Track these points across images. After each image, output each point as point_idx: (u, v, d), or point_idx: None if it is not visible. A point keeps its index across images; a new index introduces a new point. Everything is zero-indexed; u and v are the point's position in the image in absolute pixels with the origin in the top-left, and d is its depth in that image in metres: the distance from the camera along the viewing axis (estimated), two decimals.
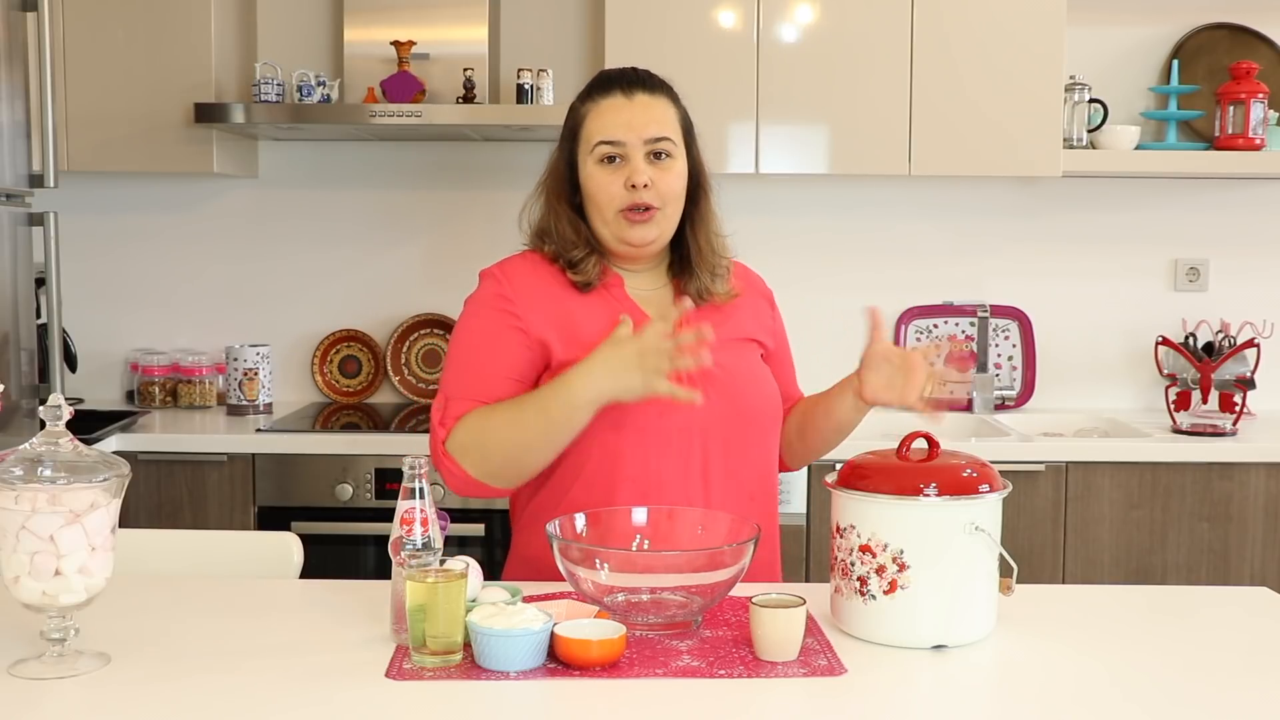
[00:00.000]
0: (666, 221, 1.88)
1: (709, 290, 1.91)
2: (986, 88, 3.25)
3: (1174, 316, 3.62)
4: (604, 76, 1.92)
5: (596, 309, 1.87)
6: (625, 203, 1.84)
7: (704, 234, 1.92)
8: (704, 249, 1.92)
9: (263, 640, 1.58)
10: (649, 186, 1.83)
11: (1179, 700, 1.41)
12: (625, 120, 1.85)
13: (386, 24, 3.33)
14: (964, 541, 1.54)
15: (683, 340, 1.69)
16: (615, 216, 1.85)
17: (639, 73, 1.91)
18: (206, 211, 3.66)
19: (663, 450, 1.82)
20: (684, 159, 1.89)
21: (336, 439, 3.13)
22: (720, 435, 1.85)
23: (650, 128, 1.85)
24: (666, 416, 1.81)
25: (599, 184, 1.85)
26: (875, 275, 3.64)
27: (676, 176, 1.87)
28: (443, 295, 3.65)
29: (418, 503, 1.55)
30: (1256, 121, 3.36)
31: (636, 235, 1.86)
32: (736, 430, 1.86)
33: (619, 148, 1.84)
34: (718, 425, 1.84)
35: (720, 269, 1.93)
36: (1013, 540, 1.70)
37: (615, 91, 1.87)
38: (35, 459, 1.44)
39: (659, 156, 1.85)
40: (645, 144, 1.84)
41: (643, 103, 1.87)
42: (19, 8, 2.74)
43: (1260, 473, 3.07)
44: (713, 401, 1.80)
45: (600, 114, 1.87)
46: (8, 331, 2.70)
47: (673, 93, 1.93)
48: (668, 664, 1.48)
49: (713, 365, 1.73)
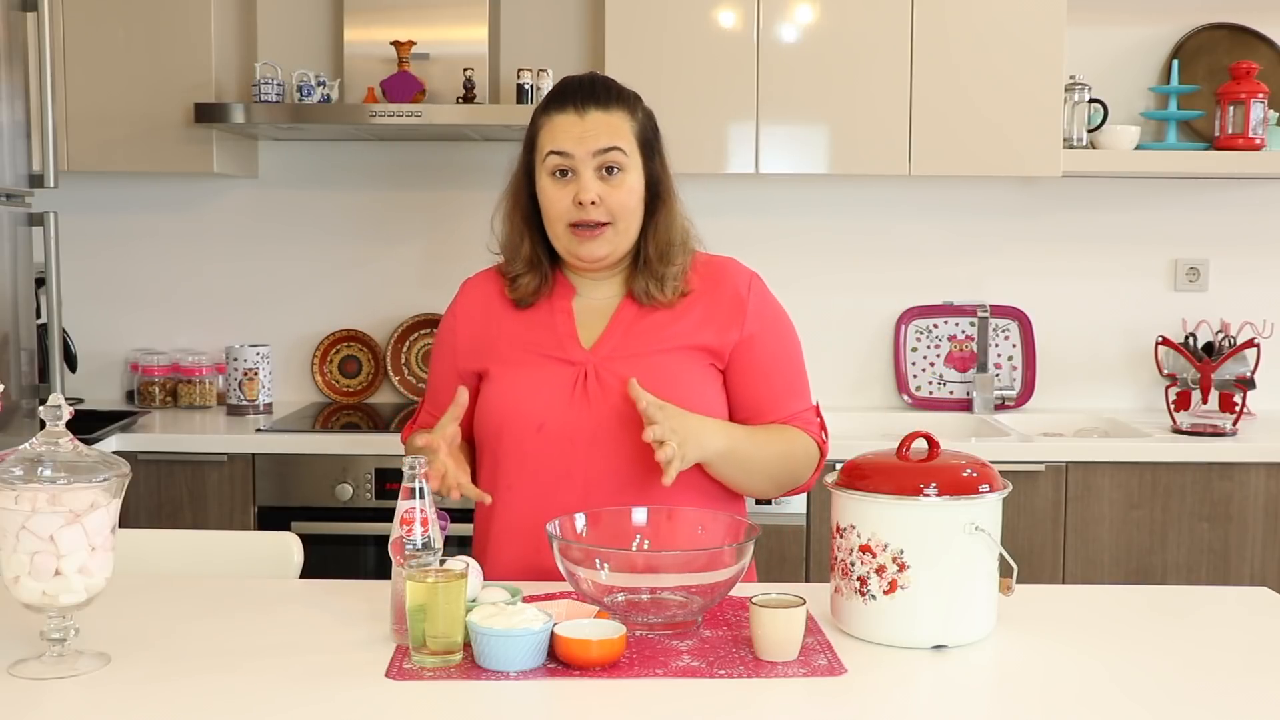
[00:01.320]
0: (619, 237, 1.88)
1: (650, 293, 1.91)
2: (986, 88, 3.25)
3: (1174, 316, 3.62)
4: (560, 88, 1.92)
5: (535, 325, 1.93)
6: (573, 217, 1.86)
7: (655, 243, 1.91)
8: (652, 256, 1.91)
9: (263, 640, 1.58)
10: (597, 204, 1.84)
11: (1179, 700, 1.41)
12: (577, 135, 1.85)
13: (386, 24, 3.33)
14: (964, 541, 1.54)
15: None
16: (565, 231, 1.87)
17: (596, 85, 1.90)
18: (206, 211, 3.66)
19: (538, 459, 1.86)
20: (638, 171, 1.89)
21: (336, 439, 3.13)
22: (606, 443, 1.84)
23: (600, 141, 1.85)
24: (546, 430, 1.86)
25: (549, 197, 1.88)
26: (875, 275, 3.64)
27: (628, 192, 1.87)
28: (443, 295, 3.60)
29: (418, 503, 1.55)
30: (1256, 121, 3.36)
31: (585, 251, 1.88)
32: (624, 439, 1.83)
33: (568, 159, 1.85)
34: (604, 434, 1.84)
35: (669, 274, 1.91)
36: (1013, 540, 1.71)
37: (569, 108, 1.87)
38: (35, 459, 1.44)
39: (610, 171, 1.86)
40: (594, 156, 1.85)
41: (595, 119, 1.86)
42: (19, 8, 2.74)
43: (1260, 473, 3.07)
44: (600, 411, 1.85)
45: (552, 129, 1.88)
46: (8, 331, 2.70)
47: (633, 104, 1.91)
48: (668, 664, 1.48)
49: (612, 376, 1.85)
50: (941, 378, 3.66)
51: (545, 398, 1.87)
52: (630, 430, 1.81)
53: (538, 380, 1.88)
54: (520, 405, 1.88)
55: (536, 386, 1.88)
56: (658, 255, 1.91)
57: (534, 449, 1.86)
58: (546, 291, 1.94)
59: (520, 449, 1.87)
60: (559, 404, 1.86)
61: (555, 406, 1.86)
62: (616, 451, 1.83)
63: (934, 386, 3.66)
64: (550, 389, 1.87)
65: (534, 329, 1.93)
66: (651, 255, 1.91)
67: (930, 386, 3.65)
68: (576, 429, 1.85)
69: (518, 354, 1.91)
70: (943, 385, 3.66)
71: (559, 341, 1.91)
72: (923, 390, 3.65)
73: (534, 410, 1.86)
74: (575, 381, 1.87)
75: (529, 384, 1.89)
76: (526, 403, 1.87)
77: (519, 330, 1.93)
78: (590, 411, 1.85)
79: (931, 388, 3.65)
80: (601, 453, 1.84)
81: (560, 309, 1.93)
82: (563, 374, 1.88)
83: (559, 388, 1.87)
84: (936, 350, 3.65)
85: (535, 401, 1.87)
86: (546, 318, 1.93)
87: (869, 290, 3.62)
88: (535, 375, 1.89)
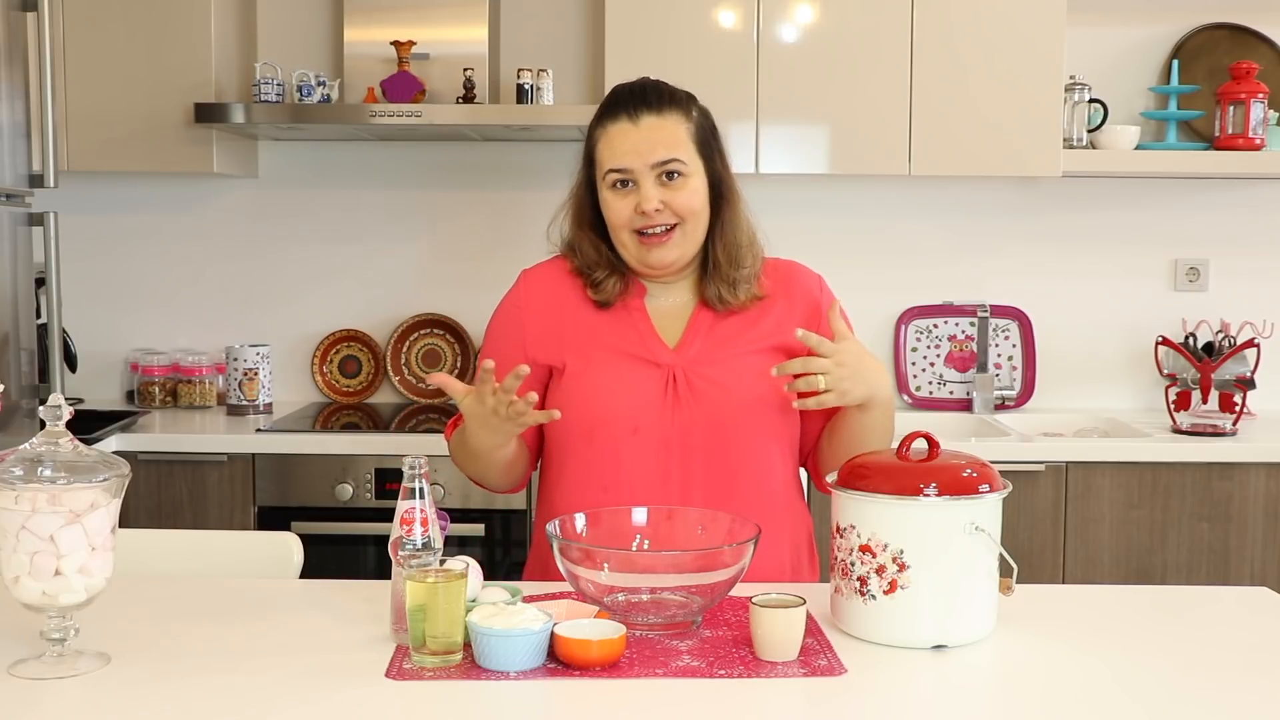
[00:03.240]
0: (687, 240, 1.88)
1: (724, 299, 1.91)
2: (986, 88, 3.25)
3: (1174, 316, 3.62)
4: (612, 97, 1.91)
5: (613, 324, 1.91)
6: (638, 224, 1.86)
7: (723, 244, 1.91)
8: (721, 259, 1.91)
9: (263, 640, 1.58)
10: (660, 210, 1.84)
11: (1179, 700, 1.41)
12: (631, 147, 1.85)
13: (386, 24, 3.33)
14: (964, 541, 1.54)
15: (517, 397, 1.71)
16: (632, 240, 1.87)
17: (648, 91, 1.89)
18: (206, 211, 3.66)
19: (635, 462, 1.85)
20: (700, 173, 1.89)
21: (336, 439, 3.13)
22: (701, 447, 1.85)
23: (658, 151, 1.84)
24: (642, 433, 1.85)
25: (613, 209, 1.87)
26: (875, 275, 3.64)
27: (691, 194, 1.86)
28: (443, 295, 3.65)
29: (418, 503, 1.55)
30: (1256, 121, 3.36)
31: (654, 258, 1.88)
32: (717, 443, 1.85)
33: (628, 174, 1.85)
34: (698, 437, 1.85)
35: (740, 277, 1.91)
36: (1013, 540, 1.70)
37: (622, 117, 1.87)
38: (35, 459, 1.44)
39: (670, 177, 1.85)
40: (653, 168, 1.85)
41: (649, 125, 1.86)
42: (19, 8, 2.74)
43: (1260, 473, 3.07)
44: (692, 414, 1.85)
45: (609, 141, 1.87)
46: (8, 331, 2.70)
47: (687, 105, 1.91)
48: (668, 664, 1.48)
49: (702, 380, 1.84)
50: (941, 378, 3.66)
51: (638, 400, 1.86)
52: (723, 435, 1.83)
53: (628, 381, 1.87)
54: (614, 406, 1.86)
55: (628, 387, 1.87)
56: (726, 258, 1.91)
57: (630, 452, 1.85)
58: (625, 293, 1.93)
59: (616, 451, 1.86)
60: (652, 407, 1.86)
61: (648, 409, 1.86)
62: (710, 457, 1.83)
63: (934, 386, 3.66)
64: (642, 391, 1.87)
65: (614, 326, 1.91)
66: (720, 258, 1.91)
67: (930, 386, 3.66)
68: (670, 433, 1.85)
69: (600, 352, 1.90)
70: (943, 385, 3.66)
71: (642, 341, 1.90)
72: (923, 390, 3.65)
73: (628, 412, 1.86)
74: (665, 384, 1.87)
75: (619, 384, 1.87)
76: (620, 404, 1.86)
77: (599, 326, 1.91)
78: (682, 415, 1.85)
79: (931, 388, 3.65)
80: (696, 458, 1.84)
81: (635, 308, 1.93)
82: (651, 375, 1.87)
83: (650, 390, 1.87)
84: (936, 350, 3.65)
85: (629, 403, 1.86)
86: (623, 316, 1.92)
87: (869, 290, 3.62)
88: (624, 375, 1.88)
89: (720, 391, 1.86)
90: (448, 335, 3.63)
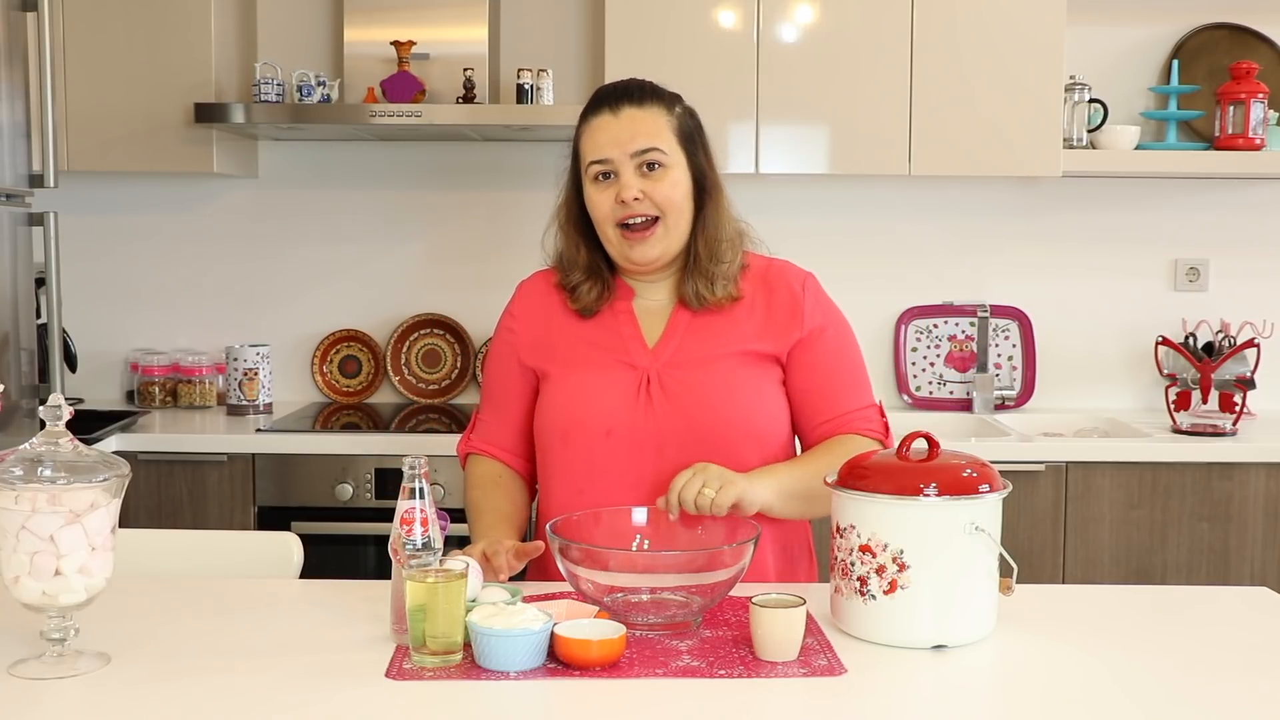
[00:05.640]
0: (669, 236, 1.88)
1: (700, 295, 1.90)
2: (986, 88, 3.25)
3: (1174, 316, 3.62)
4: (596, 95, 1.93)
5: (598, 328, 1.93)
6: (619, 216, 1.86)
7: (705, 240, 1.91)
8: (702, 255, 1.91)
9: (263, 640, 1.58)
10: (640, 199, 1.84)
11: (1179, 700, 1.41)
12: (611, 137, 1.86)
13: (386, 24, 3.33)
14: (964, 541, 1.54)
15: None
16: (616, 235, 1.88)
17: (630, 86, 1.90)
18: (206, 211, 3.66)
19: (608, 465, 1.86)
20: (682, 166, 1.88)
21: (336, 439, 3.13)
22: (674, 449, 1.84)
23: (637, 140, 1.85)
24: (615, 435, 1.86)
25: (595, 202, 1.88)
26: (875, 275, 3.64)
27: (671, 185, 1.86)
28: (443, 295, 3.65)
29: (418, 503, 1.55)
30: (1256, 121, 3.36)
31: (637, 254, 1.88)
32: (691, 445, 1.84)
33: (608, 164, 1.86)
34: (671, 439, 1.85)
35: (719, 273, 1.90)
36: (1013, 540, 1.71)
37: (603, 110, 1.88)
38: (35, 459, 1.44)
39: (651, 168, 1.86)
40: (633, 158, 1.85)
41: (629, 116, 1.86)
42: (19, 8, 2.74)
43: (1260, 473, 3.07)
44: (665, 416, 1.85)
45: (591, 134, 1.89)
46: (8, 331, 2.70)
47: (670, 101, 1.91)
48: (668, 664, 1.48)
49: (675, 382, 1.86)
50: (941, 378, 3.66)
51: (611, 402, 1.87)
52: (696, 437, 1.84)
53: (603, 384, 1.88)
54: (587, 409, 1.87)
55: (602, 391, 1.88)
56: (708, 253, 1.90)
57: (603, 454, 1.86)
58: (608, 297, 1.94)
59: (590, 454, 1.87)
60: (625, 409, 1.86)
61: (622, 412, 1.86)
62: (683, 459, 1.82)
63: (934, 386, 3.66)
64: (615, 393, 1.87)
65: (598, 331, 1.93)
66: (701, 253, 1.90)
67: (930, 386, 3.66)
68: (644, 435, 1.85)
69: (580, 354, 1.91)
70: (943, 385, 3.66)
71: (623, 343, 1.91)
72: (923, 390, 3.65)
73: (602, 415, 1.86)
74: (639, 387, 1.87)
75: (593, 388, 1.88)
76: (593, 407, 1.87)
77: (584, 331, 1.93)
78: (655, 418, 1.85)
79: (931, 388, 3.65)
80: (669, 459, 1.84)
81: (622, 310, 1.94)
82: (626, 378, 1.88)
83: (624, 392, 1.87)
84: (936, 350, 3.65)
85: (602, 406, 1.87)
86: (609, 319, 1.93)
87: (869, 290, 3.61)
88: (599, 379, 1.89)
89: (693, 394, 1.86)
90: (448, 335, 3.63)
